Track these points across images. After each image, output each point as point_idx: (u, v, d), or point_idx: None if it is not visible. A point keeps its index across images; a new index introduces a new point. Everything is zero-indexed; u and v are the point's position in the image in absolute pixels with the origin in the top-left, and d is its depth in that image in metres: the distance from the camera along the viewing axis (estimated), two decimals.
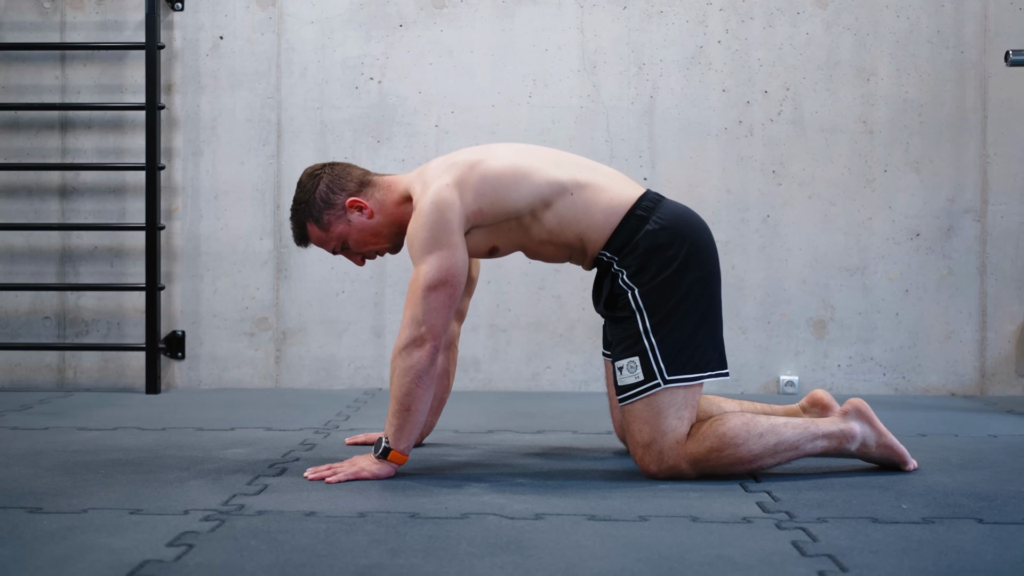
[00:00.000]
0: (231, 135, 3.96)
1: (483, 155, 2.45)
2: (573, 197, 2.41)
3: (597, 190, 2.43)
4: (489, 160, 2.43)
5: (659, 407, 2.32)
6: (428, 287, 2.32)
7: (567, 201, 2.41)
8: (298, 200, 2.51)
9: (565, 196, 2.41)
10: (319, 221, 2.49)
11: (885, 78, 3.90)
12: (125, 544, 1.78)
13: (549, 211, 2.41)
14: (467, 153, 2.48)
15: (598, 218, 2.41)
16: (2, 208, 3.99)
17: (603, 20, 3.92)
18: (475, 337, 3.94)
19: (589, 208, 2.41)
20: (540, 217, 2.42)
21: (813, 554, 1.75)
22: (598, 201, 2.42)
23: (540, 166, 2.44)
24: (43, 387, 3.98)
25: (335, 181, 2.49)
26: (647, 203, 2.43)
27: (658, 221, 2.39)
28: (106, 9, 3.97)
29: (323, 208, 2.48)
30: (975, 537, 1.86)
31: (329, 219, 2.49)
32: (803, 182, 3.91)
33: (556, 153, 2.53)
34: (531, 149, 2.53)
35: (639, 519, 1.99)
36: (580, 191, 2.42)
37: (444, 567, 1.67)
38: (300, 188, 2.51)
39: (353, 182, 2.50)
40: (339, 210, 2.48)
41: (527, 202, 2.41)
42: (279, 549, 1.76)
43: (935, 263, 3.91)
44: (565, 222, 2.42)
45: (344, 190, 2.49)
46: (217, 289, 3.97)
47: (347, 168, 2.53)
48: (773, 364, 3.92)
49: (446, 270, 2.33)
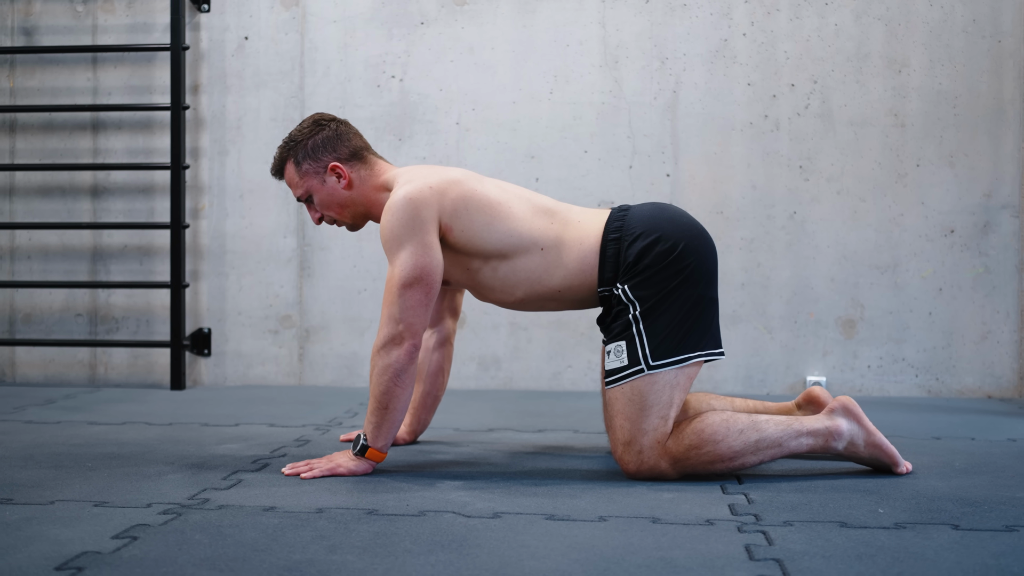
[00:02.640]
0: (256, 134, 4.00)
1: (469, 176, 2.43)
2: (544, 253, 2.38)
3: (567, 245, 2.38)
4: (474, 182, 2.41)
5: (642, 402, 2.26)
6: (403, 284, 2.30)
7: (536, 257, 2.38)
8: (292, 137, 2.50)
9: (534, 252, 2.38)
10: (298, 164, 2.48)
11: (918, 69, 3.77)
12: (72, 535, 1.79)
13: (506, 263, 2.39)
14: (456, 171, 2.46)
15: (573, 267, 2.38)
16: (37, 208, 4.08)
17: (625, 14, 3.86)
18: (496, 336, 3.91)
19: (560, 261, 2.38)
20: (496, 267, 2.39)
21: (761, 558, 1.69)
22: (570, 256, 2.38)
23: (523, 216, 2.40)
24: (75, 383, 4.07)
25: (332, 139, 2.48)
26: (616, 223, 2.38)
27: (632, 231, 2.34)
28: (136, 12, 4.05)
29: (307, 156, 2.47)
30: (941, 544, 1.78)
31: (307, 168, 2.47)
32: (831, 177, 3.80)
33: (531, 197, 2.48)
34: (517, 191, 2.48)
35: (599, 519, 1.95)
36: (555, 249, 2.38)
37: (375, 564, 1.65)
38: (299, 128, 2.50)
39: (347, 149, 2.48)
40: (320, 166, 2.47)
41: (495, 247, 2.38)
42: (220, 543, 1.76)
43: (970, 260, 3.76)
44: (534, 276, 2.39)
45: (334, 151, 2.47)
46: (242, 287, 4.02)
47: (350, 134, 2.51)
48: (800, 364, 3.82)
49: (420, 267, 2.31)
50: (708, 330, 2.33)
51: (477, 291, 2.48)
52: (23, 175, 4.09)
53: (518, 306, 2.48)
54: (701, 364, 2.33)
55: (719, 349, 2.35)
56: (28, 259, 4.10)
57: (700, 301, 2.32)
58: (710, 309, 2.35)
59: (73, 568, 1.61)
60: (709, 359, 2.33)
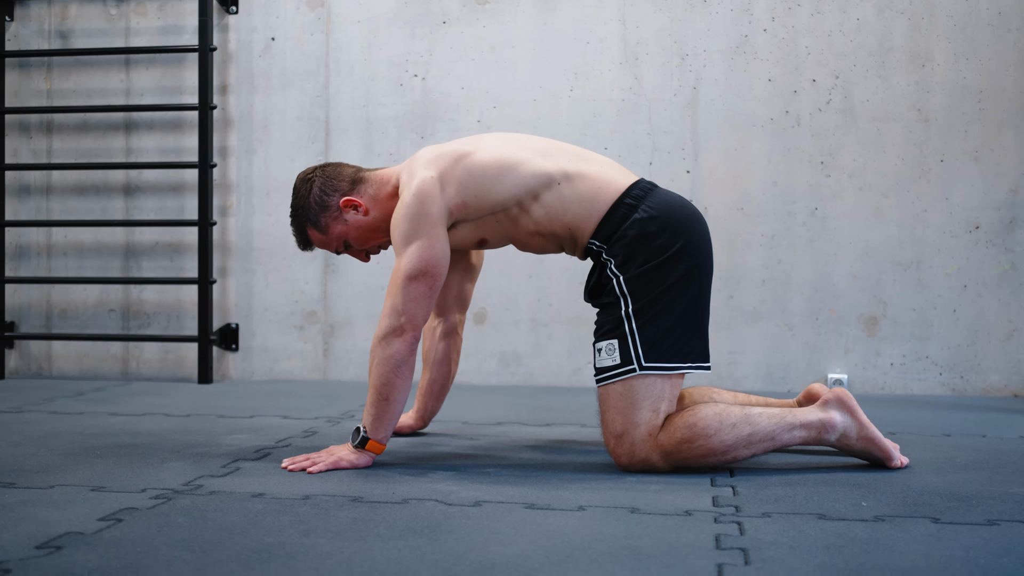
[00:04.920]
0: (282, 133, 4.07)
1: (471, 147, 2.45)
2: (561, 188, 2.39)
3: (586, 180, 2.40)
4: (476, 153, 2.43)
5: (634, 396, 2.27)
6: (408, 277, 2.34)
7: (555, 192, 2.39)
8: (295, 206, 2.54)
9: (553, 187, 2.39)
10: (317, 224, 2.52)
11: (942, 63, 3.73)
12: (61, 517, 1.86)
13: (536, 203, 2.40)
14: (456, 144, 2.49)
15: (586, 207, 2.38)
16: (73, 206, 4.20)
17: (645, 11, 3.87)
18: (516, 332, 3.94)
19: (577, 199, 2.39)
20: (528, 209, 2.40)
21: (728, 547, 1.69)
22: (586, 191, 2.39)
23: (528, 157, 2.42)
24: (109, 377, 4.18)
25: (327, 183, 2.51)
26: (637, 191, 2.39)
27: (647, 210, 2.35)
28: (167, 14, 4.14)
29: (319, 211, 2.51)
30: (915, 536, 1.77)
31: (326, 221, 2.51)
32: (853, 173, 3.77)
33: (547, 142, 2.51)
34: (521, 139, 2.52)
35: (578, 509, 1.96)
36: (568, 182, 2.39)
37: (343, 548, 1.68)
38: (295, 194, 2.54)
39: (345, 181, 2.52)
40: (335, 211, 2.50)
41: (513, 194, 2.40)
42: (200, 526, 1.81)
43: (996, 257, 3.71)
44: (553, 213, 2.40)
45: (337, 190, 2.51)
46: (269, 283, 4.09)
47: (338, 168, 2.55)
48: (821, 362, 3.79)
49: (426, 260, 2.34)
50: (701, 340, 2.34)
51: (523, 242, 2.49)
52: (59, 174, 4.21)
53: (554, 246, 2.49)
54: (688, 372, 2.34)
55: (707, 364, 2.35)
56: (64, 256, 4.21)
57: (694, 306, 2.33)
58: (703, 317, 2.35)
59: (52, 547, 1.67)
60: (694, 371, 2.34)
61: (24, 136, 4.22)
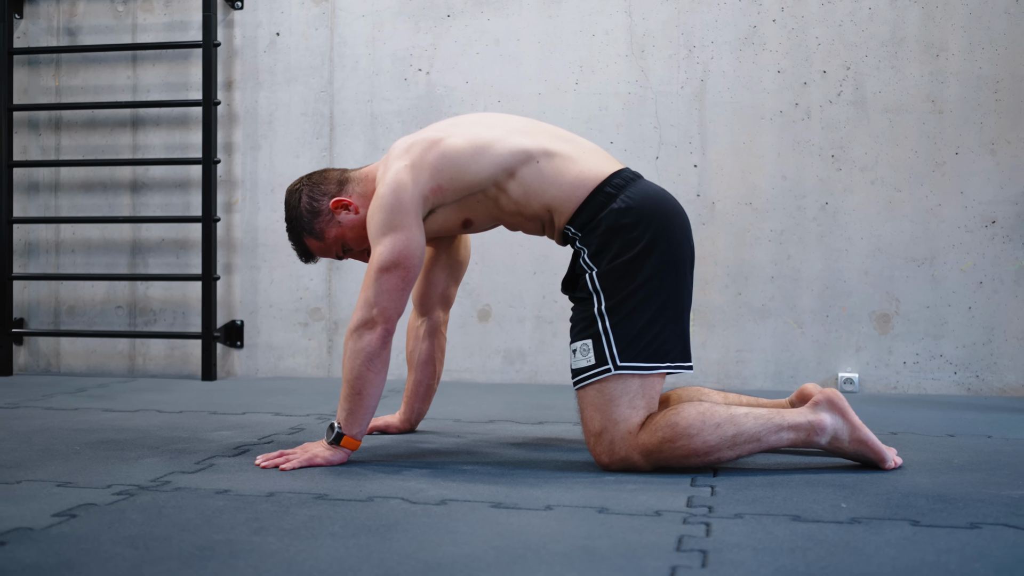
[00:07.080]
0: (287, 129, 4.05)
1: (444, 132, 2.40)
2: (539, 165, 2.33)
3: (567, 160, 2.33)
4: (449, 138, 2.38)
5: (611, 394, 2.21)
6: (381, 269, 2.30)
7: (532, 169, 2.33)
8: (289, 219, 2.52)
9: (531, 164, 2.33)
10: (313, 232, 2.50)
11: (956, 53, 3.62)
12: (15, 512, 1.83)
13: (513, 180, 2.34)
14: (429, 131, 2.44)
15: (565, 189, 2.32)
16: (80, 203, 4.20)
17: (652, 2, 3.80)
18: (521, 329, 3.88)
19: (556, 178, 2.32)
20: (505, 187, 2.34)
21: (688, 549, 1.63)
22: (566, 172, 2.32)
23: (503, 136, 2.37)
24: (115, 373, 4.18)
25: (315, 189, 2.49)
26: (619, 180, 2.32)
27: (625, 200, 2.28)
28: (173, 10, 4.13)
29: (312, 218, 2.49)
30: (888, 539, 1.69)
31: (321, 226, 2.49)
32: (865, 167, 3.67)
33: (528, 122, 2.46)
34: (499, 119, 2.47)
35: (544, 508, 1.90)
36: (548, 160, 2.33)
37: (290, 546, 1.64)
38: (287, 207, 2.52)
39: (332, 184, 2.49)
40: (327, 215, 2.48)
41: (489, 173, 2.34)
42: (152, 523, 1.77)
43: (1013, 252, 3.59)
44: (531, 191, 2.34)
45: (326, 194, 2.48)
46: (274, 280, 4.07)
47: (324, 173, 2.54)
48: (831, 360, 3.70)
49: (399, 252, 2.30)
50: (680, 339, 2.26)
51: (509, 222, 2.44)
52: (67, 171, 4.22)
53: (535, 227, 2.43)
54: (667, 373, 2.26)
55: (688, 363, 2.28)
56: (72, 252, 4.22)
57: (671, 303, 2.25)
58: (682, 315, 2.28)
59: None
60: (674, 372, 2.27)
61: (33, 133, 4.23)
